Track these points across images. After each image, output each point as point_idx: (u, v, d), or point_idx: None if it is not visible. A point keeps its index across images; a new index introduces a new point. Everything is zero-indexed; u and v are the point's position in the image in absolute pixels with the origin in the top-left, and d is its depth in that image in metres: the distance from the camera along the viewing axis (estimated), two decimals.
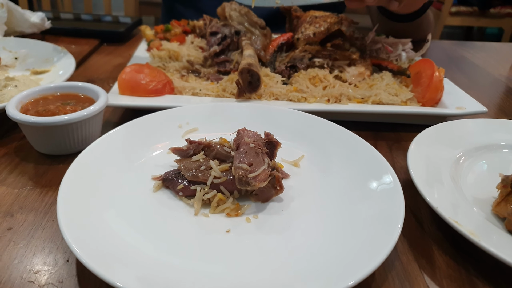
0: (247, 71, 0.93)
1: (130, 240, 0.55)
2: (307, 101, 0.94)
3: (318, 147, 0.79)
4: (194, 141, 0.71)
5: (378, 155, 0.71)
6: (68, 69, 1.04)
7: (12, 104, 0.76)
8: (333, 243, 0.57)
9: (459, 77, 1.30)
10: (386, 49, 1.23)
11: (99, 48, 1.46)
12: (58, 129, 0.74)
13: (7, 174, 0.73)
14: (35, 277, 0.52)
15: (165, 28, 1.31)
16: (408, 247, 0.61)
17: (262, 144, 0.69)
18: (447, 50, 1.61)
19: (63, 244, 0.58)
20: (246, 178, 0.62)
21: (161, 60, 1.15)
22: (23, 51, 1.19)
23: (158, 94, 0.95)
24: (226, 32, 1.17)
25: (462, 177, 0.72)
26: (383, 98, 0.95)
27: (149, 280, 0.49)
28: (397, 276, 0.56)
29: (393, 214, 0.58)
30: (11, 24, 1.37)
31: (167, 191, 0.67)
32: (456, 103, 0.96)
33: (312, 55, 1.10)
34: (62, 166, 0.76)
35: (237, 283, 0.50)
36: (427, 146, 0.76)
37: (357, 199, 0.65)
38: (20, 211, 0.64)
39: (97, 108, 0.78)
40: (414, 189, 0.66)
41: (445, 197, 0.64)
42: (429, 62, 1.00)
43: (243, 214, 0.63)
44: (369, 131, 0.93)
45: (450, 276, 0.56)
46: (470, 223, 0.58)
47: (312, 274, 0.51)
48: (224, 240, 0.58)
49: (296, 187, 0.69)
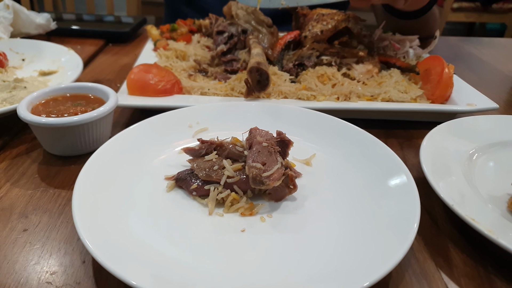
0: (256, 69, 0.93)
1: (145, 239, 0.55)
2: (317, 99, 0.94)
3: (330, 146, 0.78)
4: (206, 141, 0.71)
5: (391, 153, 0.71)
6: (75, 70, 1.04)
7: (23, 105, 0.76)
8: (348, 243, 0.57)
9: (467, 74, 1.29)
10: (393, 46, 1.22)
11: (105, 48, 1.46)
12: (69, 130, 0.74)
13: (20, 176, 0.72)
14: (53, 278, 0.52)
15: (171, 27, 1.31)
16: (424, 245, 0.61)
17: (275, 143, 0.68)
18: (454, 46, 1.60)
19: (79, 245, 0.58)
20: (260, 177, 0.62)
21: (168, 60, 1.15)
22: (30, 52, 1.19)
23: (167, 94, 0.94)
24: (233, 31, 1.17)
25: (475, 174, 0.72)
26: (393, 95, 0.95)
27: (164, 279, 0.49)
28: (414, 274, 0.56)
29: (409, 212, 0.58)
30: (17, 26, 1.37)
31: (180, 191, 0.67)
32: (466, 100, 0.95)
33: (320, 53, 1.10)
34: (73, 167, 0.76)
35: (253, 283, 0.50)
36: (439, 143, 0.76)
37: (372, 198, 0.64)
38: (34, 212, 0.64)
39: (107, 109, 0.77)
40: (426, 186, 0.66)
41: (459, 194, 0.64)
42: (439, 58, 1.00)
43: (257, 213, 0.63)
44: (379, 129, 0.92)
45: (468, 274, 0.56)
46: (486, 221, 0.58)
47: (328, 274, 0.51)
48: (240, 239, 0.58)
49: (309, 186, 0.69)
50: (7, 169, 0.74)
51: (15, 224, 0.61)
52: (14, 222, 0.62)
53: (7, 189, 0.69)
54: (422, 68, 1.04)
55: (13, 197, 0.67)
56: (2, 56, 1.08)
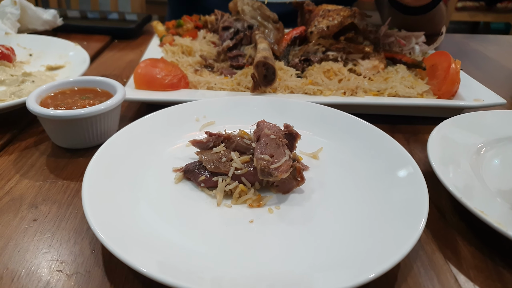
0: (262, 64, 0.93)
1: (154, 229, 0.56)
2: (323, 94, 0.94)
3: (336, 139, 0.78)
4: (214, 134, 0.71)
5: (398, 146, 0.71)
6: (82, 65, 1.04)
7: (32, 98, 0.77)
8: (356, 234, 0.57)
9: (473, 71, 1.29)
10: (399, 42, 1.22)
11: (111, 44, 1.47)
12: (77, 123, 0.75)
13: (29, 168, 0.73)
14: (63, 267, 0.52)
15: (177, 23, 1.32)
16: (432, 238, 0.61)
17: (282, 135, 0.69)
18: (459, 43, 1.60)
19: (88, 235, 0.58)
20: (268, 169, 0.62)
21: (174, 55, 1.15)
22: (38, 47, 1.19)
23: (173, 88, 0.95)
24: (238, 27, 1.17)
25: (483, 168, 0.72)
26: (399, 90, 0.95)
27: (173, 267, 0.49)
28: (422, 266, 0.56)
29: (417, 203, 0.58)
30: (24, 22, 1.38)
31: (188, 182, 0.67)
32: (473, 95, 0.95)
33: (326, 49, 1.10)
34: (82, 160, 0.76)
35: (261, 273, 0.50)
36: (447, 137, 0.76)
37: (379, 190, 0.64)
38: (44, 203, 0.64)
39: (115, 102, 0.78)
40: (433, 180, 0.66)
41: (467, 187, 0.64)
42: (445, 54, 1.00)
43: (265, 205, 0.63)
44: (385, 124, 0.92)
45: (476, 266, 0.56)
46: (495, 214, 0.58)
47: (336, 265, 0.51)
48: (248, 230, 0.58)
49: (317, 179, 0.69)
50: (16, 161, 0.75)
51: (25, 214, 0.62)
52: (24, 212, 0.62)
53: (17, 180, 0.70)
54: (429, 63, 1.04)
55: (22, 188, 0.68)
56: (10, 51, 1.09)
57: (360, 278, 0.46)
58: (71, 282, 0.50)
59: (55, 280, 0.51)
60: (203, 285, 0.47)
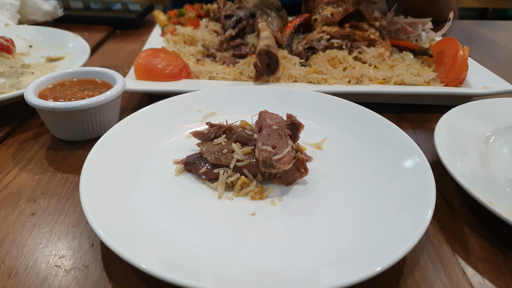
0: (265, 52, 0.91)
1: (154, 223, 0.55)
2: (327, 83, 0.92)
3: (341, 129, 0.77)
4: (215, 124, 0.70)
5: (404, 136, 0.69)
6: (82, 56, 1.03)
7: (30, 90, 0.75)
8: (361, 226, 0.55)
9: (481, 57, 1.26)
10: (405, 29, 1.19)
11: (112, 35, 1.45)
12: (76, 114, 0.73)
13: (28, 161, 0.72)
14: (61, 262, 0.52)
15: (179, 12, 1.30)
16: (439, 230, 0.59)
17: (285, 126, 0.67)
18: (467, 30, 1.56)
19: (87, 229, 0.57)
20: (270, 161, 0.60)
21: (176, 45, 1.14)
22: (38, 38, 1.18)
23: (175, 79, 0.93)
24: (241, 15, 1.15)
25: (492, 157, 0.70)
26: (405, 78, 0.92)
27: (173, 262, 0.48)
28: (429, 258, 0.54)
29: (423, 196, 0.56)
30: (24, 13, 1.37)
31: (189, 174, 0.66)
32: (481, 83, 0.92)
33: (330, 36, 1.07)
34: (81, 152, 0.75)
35: (263, 266, 0.49)
36: (454, 126, 0.73)
37: (385, 181, 0.63)
38: (42, 196, 0.63)
39: (114, 93, 0.76)
40: (441, 170, 0.64)
41: (475, 177, 0.62)
42: (453, 40, 0.97)
43: (268, 197, 0.62)
44: (391, 113, 0.90)
45: (485, 258, 0.54)
46: (504, 204, 0.56)
47: (341, 258, 0.50)
48: (250, 223, 0.57)
49: (321, 170, 0.68)
50: (15, 154, 0.74)
51: (23, 208, 0.61)
52: (23, 206, 0.61)
53: (15, 173, 0.69)
54: (436, 50, 1.01)
55: (21, 181, 0.67)
56: (10, 42, 1.08)
57: (365, 272, 0.45)
58: (69, 277, 0.50)
59: (53, 275, 0.50)
60: (206, 282, 0.46)
